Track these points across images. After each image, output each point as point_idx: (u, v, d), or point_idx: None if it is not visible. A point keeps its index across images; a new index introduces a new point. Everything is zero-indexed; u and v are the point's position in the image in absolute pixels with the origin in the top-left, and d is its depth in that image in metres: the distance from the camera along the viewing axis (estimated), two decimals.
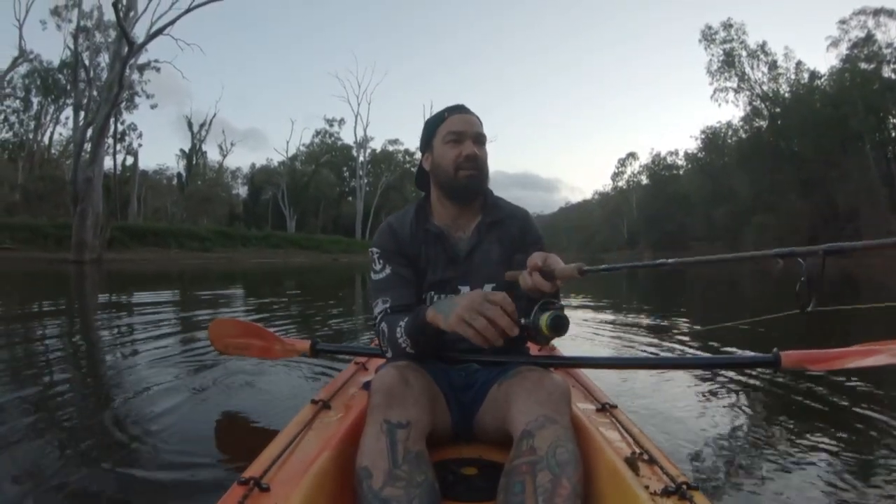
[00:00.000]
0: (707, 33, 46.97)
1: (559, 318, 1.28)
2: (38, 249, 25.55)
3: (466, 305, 1.25)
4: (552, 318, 1.27)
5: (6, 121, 44.50)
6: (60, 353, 4.24)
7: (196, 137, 55.48)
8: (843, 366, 1.50)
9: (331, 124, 66.30)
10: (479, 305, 1.24)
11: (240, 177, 66.93)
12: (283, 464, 1.23)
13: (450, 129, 1.60)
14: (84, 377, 3.43)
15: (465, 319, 1.24)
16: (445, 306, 1.32)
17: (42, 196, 36.32)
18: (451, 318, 1.27)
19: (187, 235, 35.02)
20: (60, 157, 47.73)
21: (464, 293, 1.46)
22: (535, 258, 1.33)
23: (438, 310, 1.34)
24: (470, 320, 1.24)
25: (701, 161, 61.49)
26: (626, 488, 1.13)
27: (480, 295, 1.27)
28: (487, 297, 1.26)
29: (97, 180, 24.37)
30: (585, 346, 4.70)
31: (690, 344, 5.04)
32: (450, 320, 1.27)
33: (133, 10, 24.45)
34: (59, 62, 42.78)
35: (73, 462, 1.97)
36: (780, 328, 5.21)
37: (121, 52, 23.72)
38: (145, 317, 6.43)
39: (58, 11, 39.64)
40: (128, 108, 43.56)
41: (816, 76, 44.86)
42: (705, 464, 2.06)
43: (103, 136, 25.30)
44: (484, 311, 1.23)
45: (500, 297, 1.26)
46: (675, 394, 3.07)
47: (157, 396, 2.85)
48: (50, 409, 2.65)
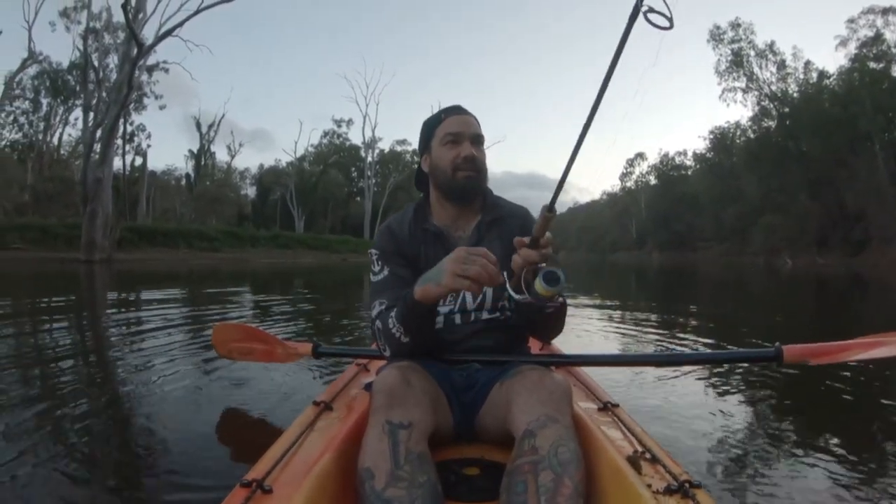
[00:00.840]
0: (715, 33, 46.74)
1: (550, 272, 1.27)
2: (47, 249, 25.65)
3: (454, 260, 1.29)
4: (544, 274, 1.27)
5: (16, 122, 44.57)
6: (67, 350, 4.28)
7: (205, 138, 55.66)
8: (845, 358, 1.51)
9: (339, 125, 66.41)
10: (465, 258, 1.28)
11: (248, 177, 67.12)
12: (285, 465, 1.23)
13: (447, 130, 1.61)
14: (88, 375, 3.45)
15: (458, 273, 1.27)
16: (431, 275, 1.35)
17: (52, 196, 36.50)
18: (443, 278, 1.30)
19: (196, 236, 35.08)
20: (70, 157, 47.80)
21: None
22: (517, 239, 1.34)
23: (425, 281, 1.36)
24: (463, 272, 1.27)
25: (709, 161, 61.26)
26: (629, 487, 1.12)
27: (462, 249, 1.31)
28: (469, 251, 1.30)
29: (107, 181, 24.51)
30: (587, 344, 4.69)
31: (692, 340, 5.06)
32: (443, 280, 1.30)
33: (142, 12, 24.57)
34: (69, 63, 42.91)
35: (72, 461, 1.98)
36: (781, 326, 5.22)
37: (130, 54, 23.86)
38: (153, 316, 6.47)
39: (66, 13, 39.85)
40: (136, 109, 43.68)
41: (825, 76, 44.54)
42: (708, 461, 2.05)
43: (113, 137, 25.44)
44: (472, 260, 1.27)
45: (481, 250, 1.30)
46: (677, 391, 3.07)
47: (159, 397, 2.88)
48: (51, 406, 2.66)
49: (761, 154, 45.60)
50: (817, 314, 8.54)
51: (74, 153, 47.23)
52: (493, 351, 1.58)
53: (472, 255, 1.28)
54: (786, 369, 3.42)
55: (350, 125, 66.86)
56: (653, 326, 6.11)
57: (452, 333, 1.58)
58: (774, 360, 1.53)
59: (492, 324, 1.61)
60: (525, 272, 1.33)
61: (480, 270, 1.26)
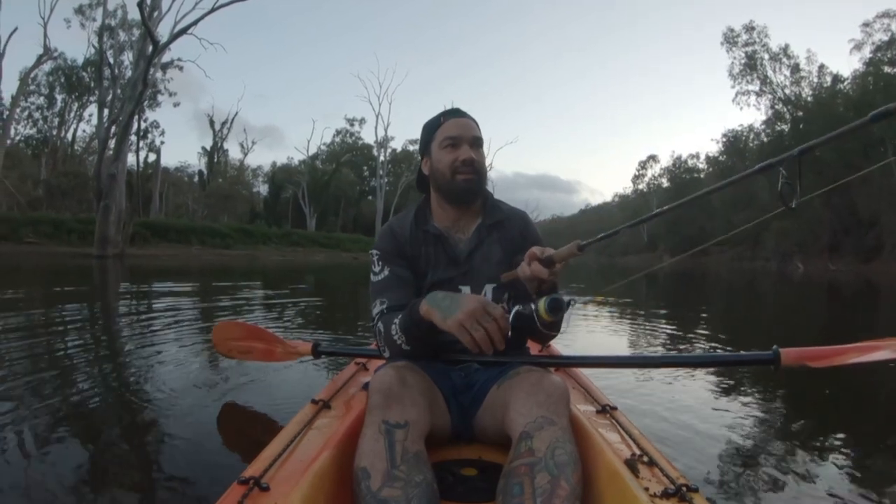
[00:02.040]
0: (729, 36, 46.41)
1: (556, 300, 1.30)
2: (60, 244, 25.92)
3: (469, 312, 1.29)
4: (549, 301, 1.30)
5: (30, 117, 45.07)
6: (72, 342, 4.36)
7: (218, 136, 55.92)
8: (844, 362, 1.49)
9: (352, 124, 66.80)
10: (481, 317, 1.29)
11: (261, 175, 67.50)
12: (282, 463, 1.22)
13: (446, 134, 1.62)
14: (89, 369, 3.46)
15: (466, 327, 1.28)
16: (444, 304, 1.35)
17: (65, 192, 36.76)
18: (450, 320, 1.31)
19: (208, 232, 35.33)
20: (83, 153, 48.19)
21: (464, 293, 1.50)
22: (534, 249, 1.37)
23: (433, 305, 1.36)
24: (470, 329, 1.28)
25: (722, 164, 60.82)
26: (626, 490, 1.12)
27: (482, 304, 1.31)
28: (488, 309, 1.30)
29: (121, 177, 24.71)
30: (587, 346, 4.72)
31: (696, 343, 5.08)
32: (448, 322, 1.31)
33: (157, 10, 24.73)
34: (83, 60, 43.35)
35: (68, 457, 1.98)
36: (789, 330, 5.21)
37: (145, 51, 24.02)
38: (161, 311, 6.53)
39: (82, 10, 40.31)
40: (150, 106, 43.99)
41: (839, 80, 44.12)
42: (706, 465, 2.05)
43: (127, 134, 25.65)
44: (484, 322, 1.28)
45: (499, 312, 1.30)
46: (675, 394, 3.07)
47: (158, 394, 2.88)
48: (48, 400, 2.68)
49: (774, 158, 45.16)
50: (827, 320, 8.49)
51: (88, 149, 47.58)
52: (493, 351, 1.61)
53: (487, 318, 1.29)
54: (785, 372, 3.42)
55: (363, 124, 67.22)
56: (657, 329, 6.12)
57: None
58: (772, 364, 1.50)
59: None
60: (530, 283, 1.36)
61: (485, 338, 1.28)
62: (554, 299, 1.30)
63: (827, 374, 3.24)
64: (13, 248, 23.98)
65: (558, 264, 1.35)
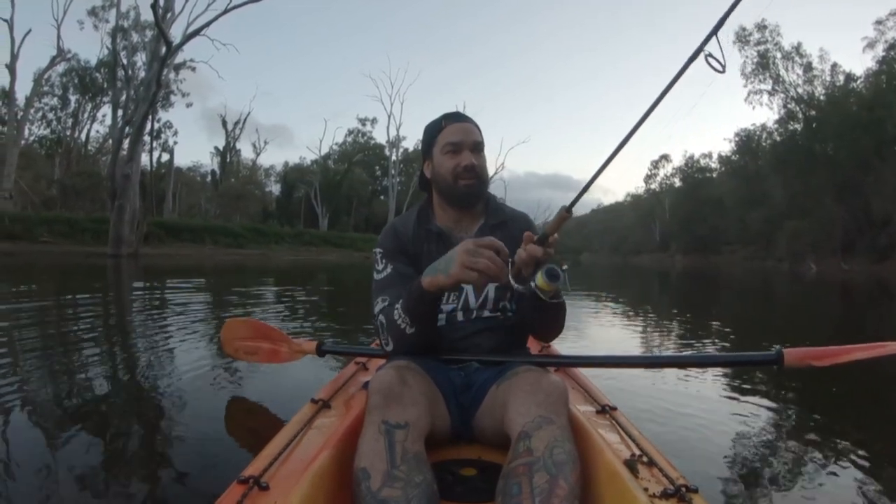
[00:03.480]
0: (741, 35, 46.04)
1: (552, 268, 1.32)
2: (75, 243, 26.07)
3: (464, 251, 1.31)
4: (546, 270, 1.32)
5: (44, 118, 45.22)
6: (83, 338, 4.43)
7: (230, 136, 56.18)
8: (846, 359, 1.48)
9: (364, 124, 66.81)
10: (475, 249, 1.30)
11: (273, 174, 67.69)
12: (282, 463, 1.22)
13: (447, 139, 1.65)
14: (94, 367, 3.48)
15: (467, 265, 1.29)
16: (440, 266, 1.37)
17: (79, 191, 37.04)
18: (452, 269, 1.32)
19: (222, 232, 35.45)
20: (97, 153, 48.54)
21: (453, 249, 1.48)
22: (528, 233, 1.39)
23: (433, 272, 1.38)
24: (472, 264, 1.29)
25: (735, 164, 60.45)
26: (625, 490, 1.12)
27: (471, 241, 1.33)
28: (478, 242, 1.32)
29: (135, 177, 24.90)
30: (590, 345, 4.71)
31: (692, 342, 5.08)
32: (452, 271, 1.32)
33: (170, 11, 24.91)
34: (97, 61, 43.57)
35: (67, 454, 2.00)
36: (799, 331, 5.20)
37: (159, 52, 24.18)
38: (172, 308, 6.64)
39: (95, 12, 40.51)
40: (163, 107, 44.21)
41: (852, 78, 43.61)
42: (705, 465, 2.05)
43: (141, 134, 25.84)
44: (481, 252, 1.29)
45: (488, 240, 1.32)
46: (676, 394, 3.08)
47: (161, 392, 2.92)
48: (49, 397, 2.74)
49: (787, 157, 44.92)
50: (839, 321, 8.43)
51: (102, 149, 47.92)
52: (493, 350, 1.60)
53: (482, 248, 1.30)
54: (787, 373, 3.42)
55: (374, 124, 67.24)
56: (666, 329, 6.14)
57: (454, 331, 1.62)
58: (775, 364, 1.49)
59: (492, 323, 1.65)
60: (527, 266, 1.36)
61: (489, 263, 1.28)
62: (550, 268, 1.32)
63: (830, 375, 3.29)
64: (28, 247, 24.17)
65: (552, 238, 1.36)
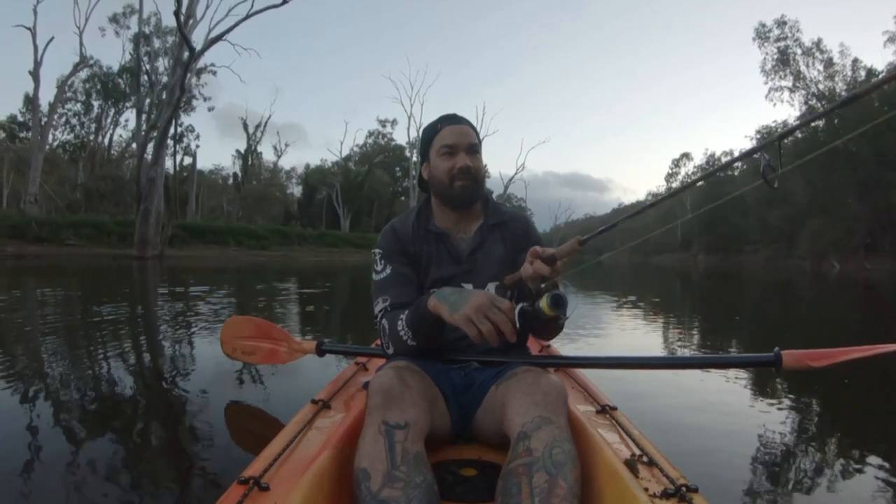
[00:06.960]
0: (761, 31, 45.48)
1: (558, 296, 1.29)
2: (101, 246, 26.54)
3: (475, 306, 1.31)
4: (551, 297, 1.29)
5: (67, 123, 45.98)
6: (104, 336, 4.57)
7: (252, 139, 56.66)
8: (845, 359, 1.47)
9: (384, 125, 67.27)
10: (488, 309, 1.30)
11: (294, 176, 68.21)
12: (282, 463, 1.23)
13: (443, 142, 1.65)
14: (99, 365, 3.54)
15: (473, 320, 1.30)
16: (452, 298, 1.37)
17: (103, 195, 37.61)
18: (457, 314, 1.33)
19: (245, 234, 35.85)
20: (120, 157, 49.23)
21: (471, 290, 1.52)
22: (535, 248, 1.37)
23: (442, 299, 1.38)
24: (477, 322, 1.30)
25: (756, 161, 59.60)
26: (625, 490, 1.12)
27: (489, 298, 1.33)
28: (495, 303, 1.32)
29: (159, 180, 25.37)
30: (593, 345, 4.73)
31: (692, 343, 5.13)
32: (456, 316, 1.33)
33: (192, 18, 25.27)
34: (119, 67, 44.22)
35: (69, 457, 2.01)
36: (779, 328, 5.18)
37: (181, 58, 24.57)
38: (192, 309, 6.78)
39: (116, 18, 41.25)
40: (185, 111, 44.69)
41: (873, 73, 43.03)
42: (706, 465, 2.06)
43: (165, 139, 26.27)
44: (491, 315, 1.30)
45: (507, 304, 1.32)
46: (675, 394, 3.09)
47: (158, 393, 2.97)
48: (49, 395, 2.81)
49: (808, 155, 44.24)
50: (867, 321, 8.32)
51: (125, 153, 48.59)
52: (493, 351, 1.55)
53: (494, 311, 1.30)
54: (787, 373, 3.41)
55: (395, 125, 67.54)
56: (684, 329, 6.21)
57: (454, 330, 1.52)
58: (773, 366, 1.48)
59: None
60: (532, 281, 1.37)
61: (492, 330, 1.29)
62: (556, 295, 1.29)
63: (830, 375, 3.33)
64: (56, 249, 24.65)
65: (560, 262, 1.35)
